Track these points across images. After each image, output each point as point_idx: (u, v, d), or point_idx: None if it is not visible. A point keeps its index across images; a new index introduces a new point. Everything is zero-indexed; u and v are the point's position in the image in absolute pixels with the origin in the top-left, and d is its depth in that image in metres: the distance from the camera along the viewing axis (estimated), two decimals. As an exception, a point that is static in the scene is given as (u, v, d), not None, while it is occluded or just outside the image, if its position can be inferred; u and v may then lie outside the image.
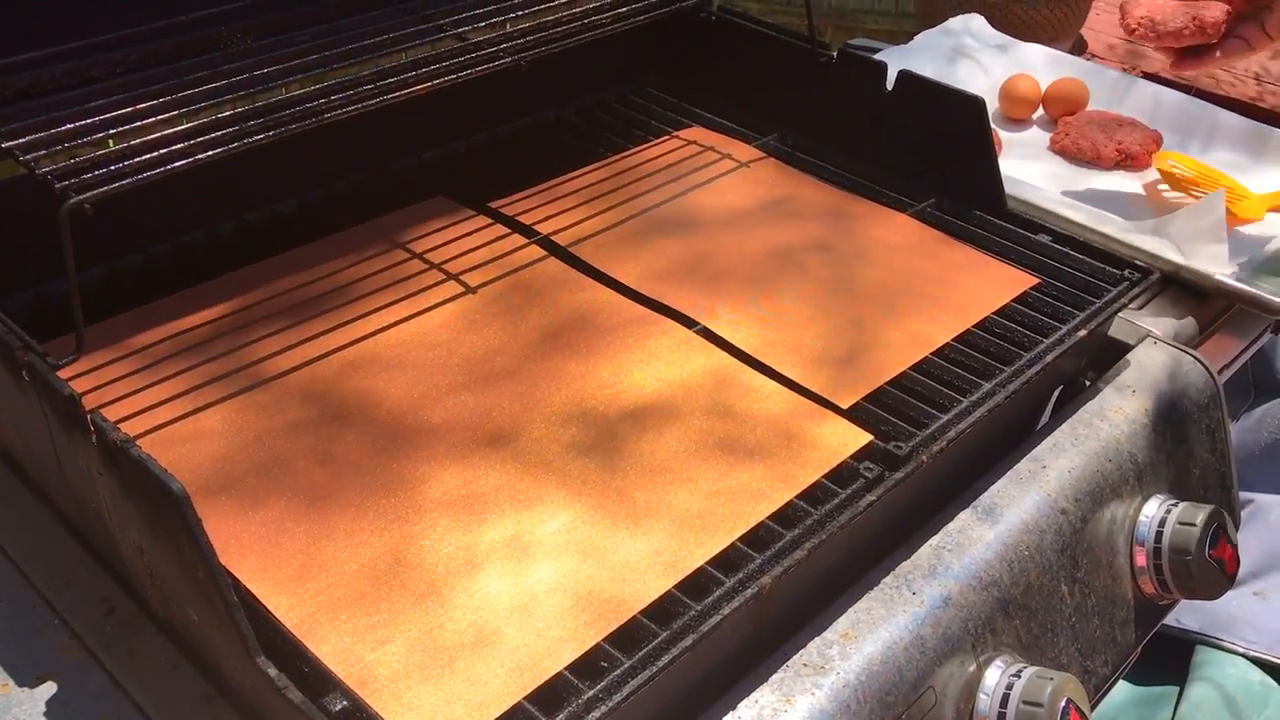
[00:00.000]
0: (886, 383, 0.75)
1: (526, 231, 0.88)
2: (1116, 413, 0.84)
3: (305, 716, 0.51)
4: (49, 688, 0.62)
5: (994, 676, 0.68)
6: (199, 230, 0.87)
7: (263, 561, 0.60)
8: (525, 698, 0.55)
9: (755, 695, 0.62)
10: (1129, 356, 0.90)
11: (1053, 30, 2.23)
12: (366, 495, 0.65)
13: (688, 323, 0.80)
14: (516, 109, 1.04)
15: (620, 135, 1.04)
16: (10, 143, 0.66)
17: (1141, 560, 0.80)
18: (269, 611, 0.58)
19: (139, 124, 0.70)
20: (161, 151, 0.66)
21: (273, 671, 0.53)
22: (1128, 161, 1.16)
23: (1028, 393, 0.76)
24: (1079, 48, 2.36)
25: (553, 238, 0.88)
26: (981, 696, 0.68)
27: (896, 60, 1.14)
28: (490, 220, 0.90)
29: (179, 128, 0.69)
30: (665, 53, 1.10)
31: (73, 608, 0.66)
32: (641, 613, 0.59)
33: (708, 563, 0.62)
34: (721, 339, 0.78)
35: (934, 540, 0.72)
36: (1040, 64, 1.31)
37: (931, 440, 0.70)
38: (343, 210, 0.90)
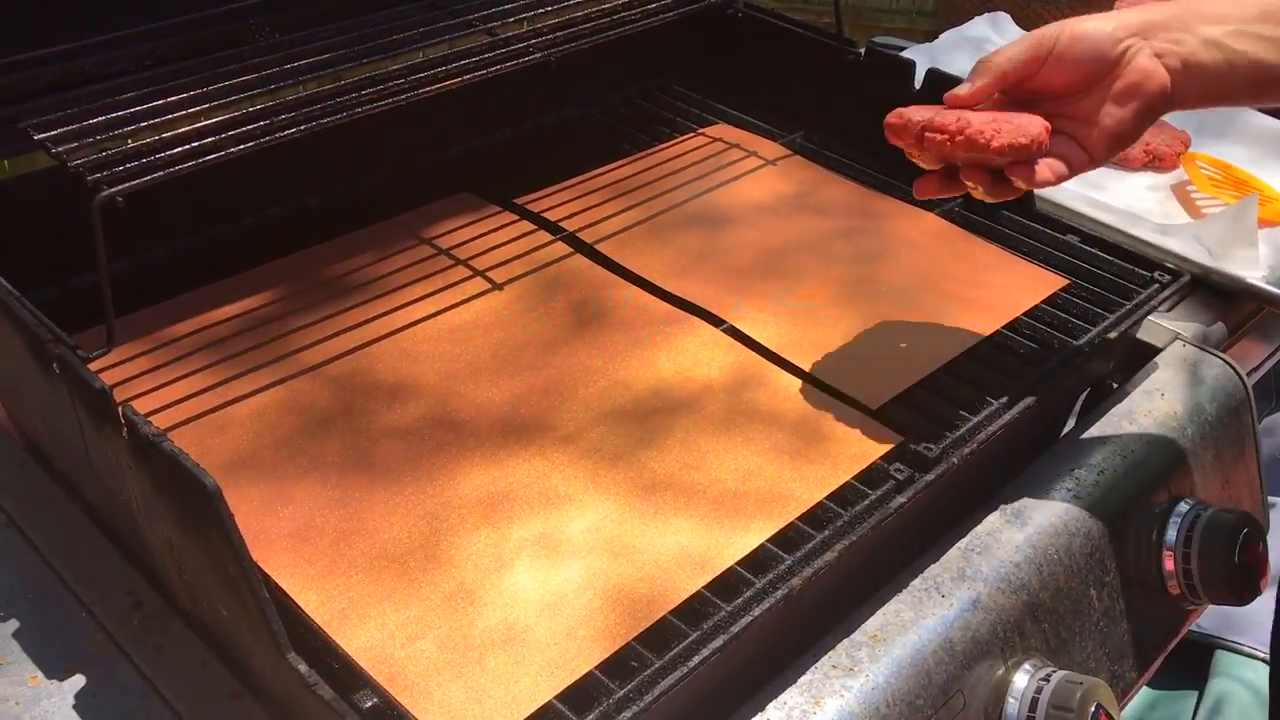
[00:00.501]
0: (915, 383, 0.75)
1: (552, 228, 0.88)
2: (1145, 416, 0.83)
3: (336, 713, 0.51)
4: (77, 680, 0.62)
5: (1023, 680, 0.68)
6: (225, 224, 0.87)
7: (292, 557, 0.60)
8: (556, 696, 0.54)
9: (784, 697, 0.62)
10: (1157, 359, 0.89)
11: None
12: (395, 491, 0.64)
13: (714, 321, 0.79)
14: (542, 105, 1.04)
15: (645, 132, 1.03)
16: (42, 135, 0.66)
17: (1169, 564, 0.79)
18: (299, 607, 0.57)
19: (168, 117, 0.70)
20: (192, 145, 0.66)
21: (303, 668, 0.53)
22: (1155, 162, 1.15)
23: (1057, 395, 0.76)
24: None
25: (578, 234, 0.87)
26: (1010, 700, 0.67)
27: (923, 58, 1.14)
28: (516, 217, 0.89)
29: (208, 121, 0.69)
30: (691, 49, 1.10)
31: (100, 601, 0.66)
32: (671, 612, 0.59)
33: (737, 563, 0.62)
34: (748, 337, 0.78)
35: (963, 543, 0.72)
36: (1065, 63, 1.30)
37: (962, 442, 0.70)
38: (369, 206, 0.89)
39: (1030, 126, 0.67)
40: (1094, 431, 0.81)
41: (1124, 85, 0.68)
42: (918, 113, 0.70)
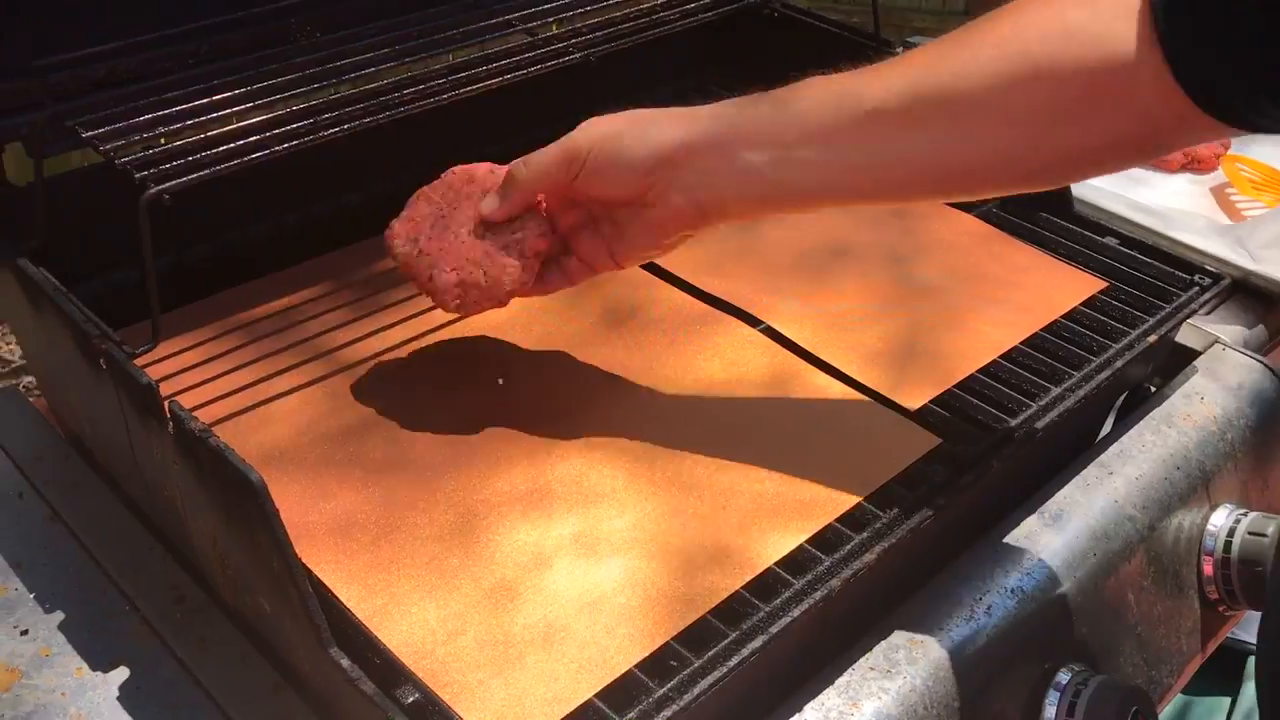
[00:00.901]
0: (953, 385, 0.74)
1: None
2: (1185, 420, 0.83)
3: (378, 708, 0.52)
4: (122, 673, 0.63)
5: (1061, 683, 0.68)
6: (266, 222, 0.87)
7: (334, 552, 0.60)
8: (595, 694, 0.55)
9: (822, 698, 0.62)
10: (1196, 363, 0.88)
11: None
12: (435, 489, 0.65)
13: (751, 321, 0.79)
14: (578, 105, 1.03)
15: (681, 132, 1.03)
16: (90, 133, 0.67)
17: (1209, 570, 0.79)
18: (340, 602, 0.58)
19: (213, 116, 0.70)
20: (238, 143, 0.67)
21: (345, 662, 0.53)
22: (1195, 165, 1.14)
23: (1096, 398, 0.75)
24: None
25: (615, 234, 0.87)
26: (1048, 705, 0.67)
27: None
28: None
29: (253, 120, 0.70)
30: (726, 49, 1.10)
31: (143, 595, 0.67)
32: (710, 612, 0.59)
33: (776, 564, 0.62)
34: (785, 338, 0.78)
35: (1001, 545, 0.72)
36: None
37: (1001, 444, 0.69)
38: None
39: (503, 279, 0.66)
40: (1133, 435, 0.81)
41: (653, 219, 0.65)
42: (400, 243, 0.69)
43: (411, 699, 0.54)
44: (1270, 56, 0.51)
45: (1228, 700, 1.20)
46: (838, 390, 0.73)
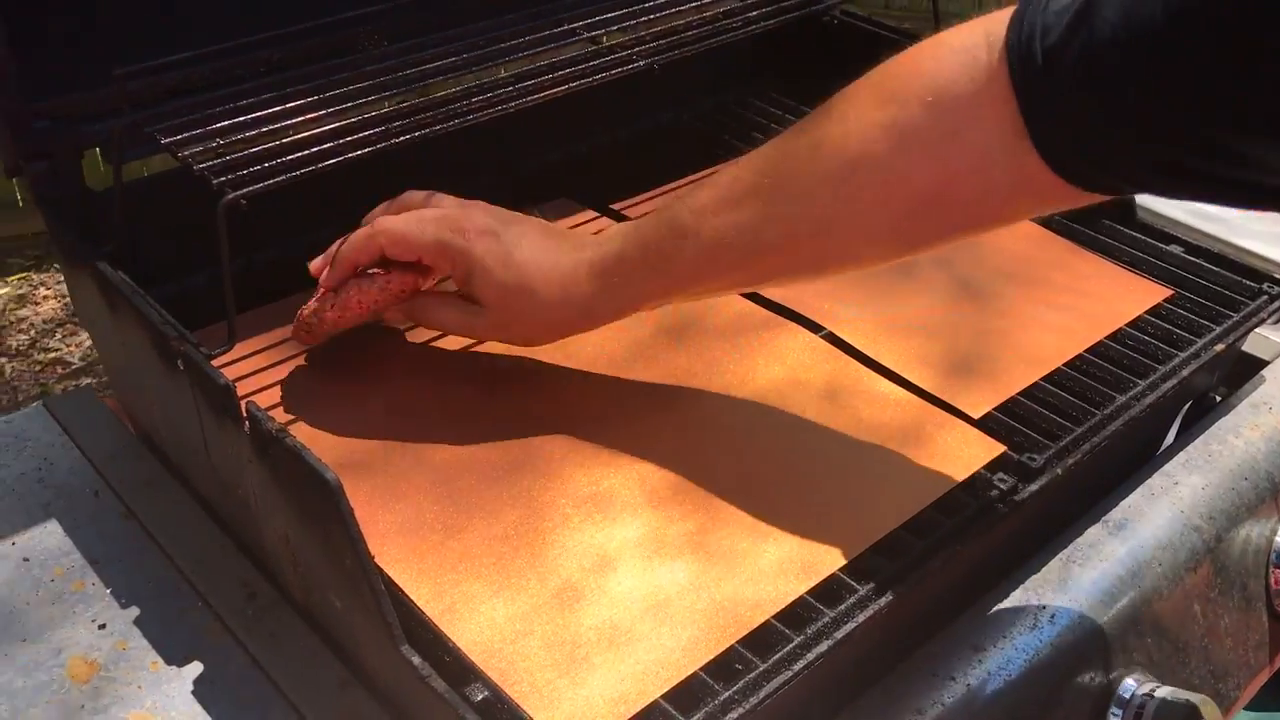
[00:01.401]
0: (1017, 393, 0.74)
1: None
2: (1252, 430, 0.82)
3: (448, 705, 0.52)
4: (195, 667, 0.64)
5: (1126, 694, 0.67)
6: (333, 227, 0.88)
7: (404, 551, 0.61)
8: (662, 696, 0.55)
9: (884, 704, 0.62)
10: (1264, 373, 0.87)
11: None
12: (501, 490, 0.66)
13: (813, 327, 0.79)
14: (638, 111, 1.05)
15: (740, 138, 1.04)
16: (168, 139, 0.68)
17: (1277, 583, 0.78)
18: (410, 600, 0.59)
19: (286, 123, 0.72)
20: (310, 150, 0.68)
21: (416, 660, 0.54)
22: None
23: (1162, 407, 0.75)
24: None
25: (676, 240, 0.88)
26: (1113, 716, 0.67)
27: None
28: (613, 222, 0.90)
29: (325, 127, 0.71)
30: (786, 56, 1.10)
31: (215, 591, 0.69)
32: (774, 617, 0.59)
33: (840, 570, 0.62)
34: (848, 344, 0.78)
35: (1064, 553, 0.71)
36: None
37: (1066, 453, 0.69)
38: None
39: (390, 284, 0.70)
40: (1199, 444, 0.80)
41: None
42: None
43: (481, 697, 0.55)
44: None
45: (1291, 716, 1.18)
46: (900, 396, 0.73)
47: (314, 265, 0.73)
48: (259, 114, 0.72)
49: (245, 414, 0.59)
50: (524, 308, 0.68)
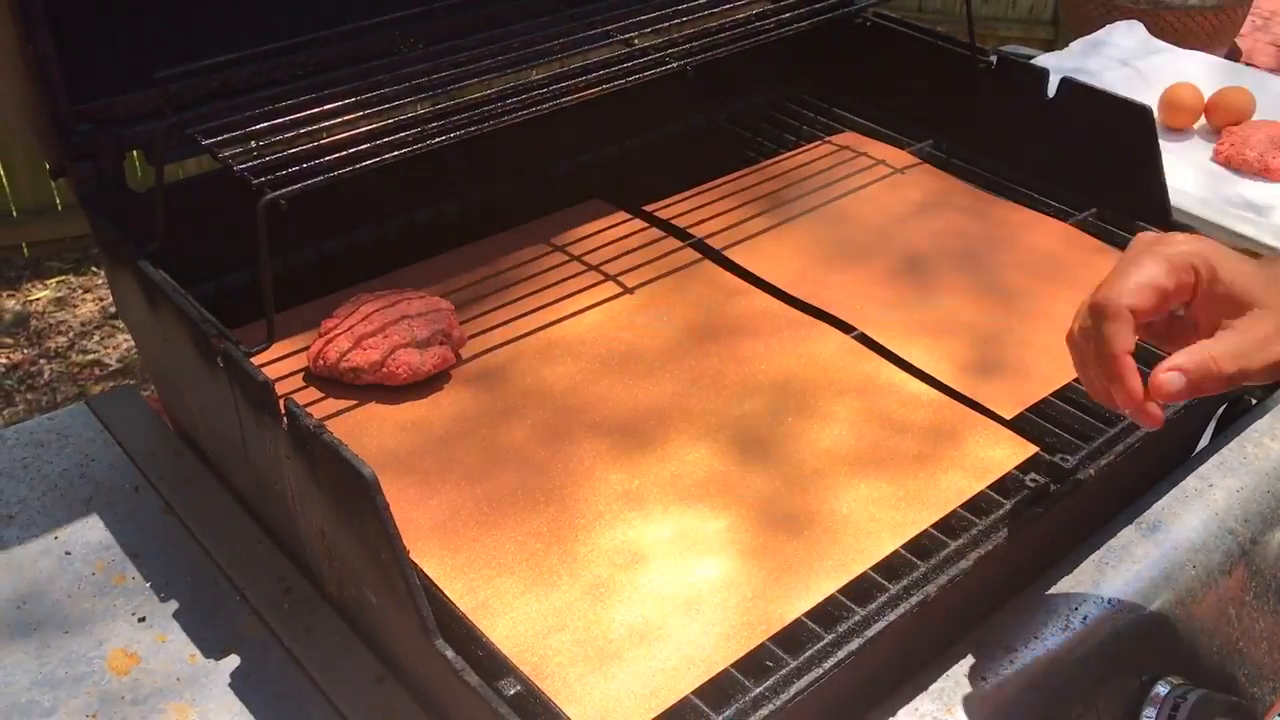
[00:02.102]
0: (1050, 394, 0.74)
1: (681, 234, 0.90)
2: (1288, 432, 0.81)
3: (482, 699, 0.53)
4: (232, 660, 0.65)
5: (1159, 697, 0.67)
6: (369, 227, 0.90)
7: (438, 547, 0.62)
8: (692, 692, 0.55)
9: (915, 703, 0.62)
10: (1300, 375, 0.86)
11: (1206, 38, 2.16)
12: (534, 487, 0.66)
13: (845, 328, 0.80)
14: (670, 113, 1.06)
15: (772, 140, 1.04)
16: (209, 140, 0.69)
17: (1313, 586, 0.77)
18: (445, 595, 0.60)
19: (324, 125, 0.73)
20: (349, 151, 0.69)
21: (450, 654, 0.55)
22: (1297, 173, 1.12)
23: (1195, 409, 0.74)
24: (1233, 56, 2.29)
25: (707, 240, 0.89)
26: (1145, 717, 0.66)
27: (1052, 67, 1.12)
28: (645, 223, 0.91)
29: (363, 129, 0.72)
30: (818, 58, 1.10)
31: (252, 586, 0.70)
32: (806, 615, 0.59)
33: (871, 569, 0.62)
34: (879, 345, 0.78)
35: (1096, 555, 0.71)
36: (1202, 72, 1.27)
37: (1099, 454, 0.69)
38: (504, 211, 0.92)
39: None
40: (1234, 447, 0.79)
41: None
42: None
43: (514, 691, 0.55)
44: None
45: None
46: (932, 397, 0.74)
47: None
48: (297, 116, 0.73)
49: (283, 410, 0.60)
50: None
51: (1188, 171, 1.14)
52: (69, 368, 2.49)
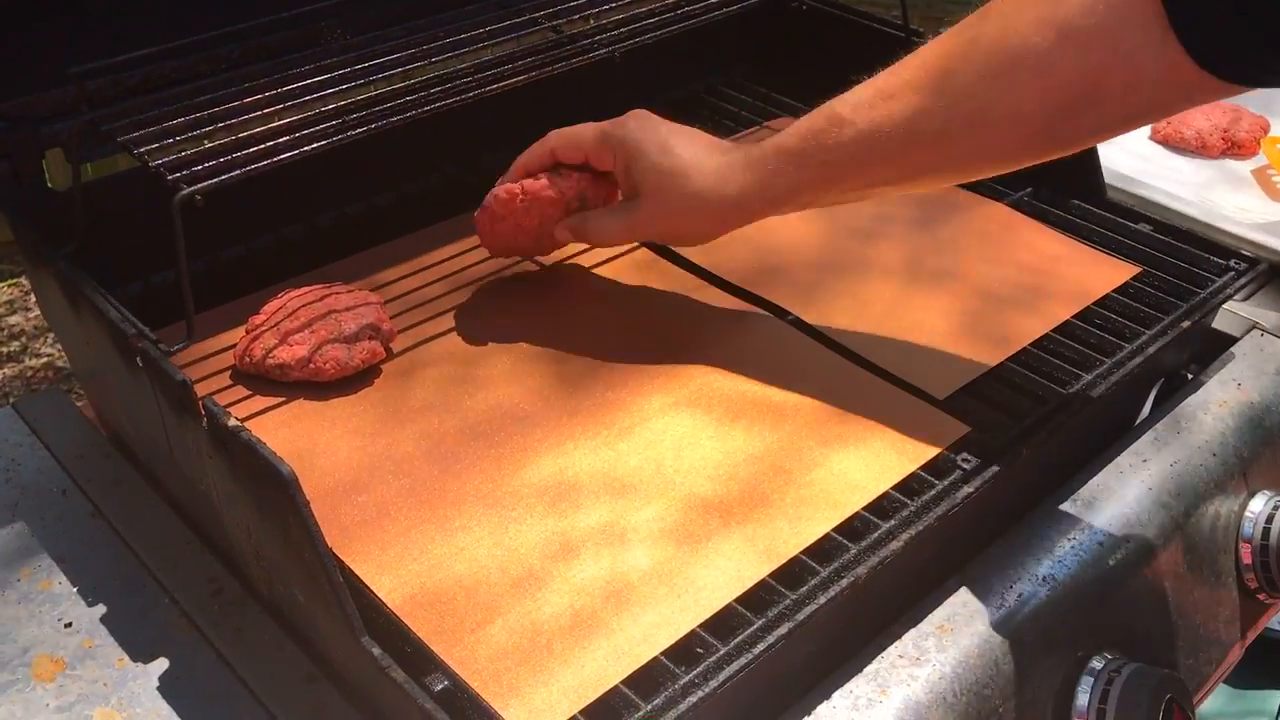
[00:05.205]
0: (983, 374, 0.74)
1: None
2: (1221, 406, 0.82)
3: (408, 695, 0.52)
4: (161, 664, 0.64)
5: (1094, 671, 0.67)
6: (299, 223, 0.89)
7: (365, 544, 0.61)
8: (622, 681, 0.55)
9: (850, 685, 0.62)
10: (1234, 349, 0.87)
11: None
12: (465, 481, 0.66)
13: (780, 313, 0.79)
14: (605, 101, 1.04)
15: (710, 126, 1.03)
16: (125, 137, 0.68)
17: (1247, 558, 0.78)
18: (372, 592, 0.59)
19: (245, 118, 0.72)
20: (268, 144, 0.68)
21: (376, 651, 0.54)
22: (1235, 150, 1.12)
23: (1128, 385, 0.75)
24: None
25: (644, 229, 0.88)
26: (1080, 692, 0.67)
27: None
28: (582, 211, 0.90)
29: (283, 121, 0.71)
30: (755, 43, 1.10)
31: (182, 587, 0.69)
32: (736, 600, 0.59)
33: (803, 552, 0.62)
34: (814, 329, 0.78)
35: (1032, 533, 0.71)
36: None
37: (1030, 433, 0.69)
38: (437, 203, 0.91)
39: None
40: (1168, 422, 0.80)
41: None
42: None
43: (441, 686, 0.55)
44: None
45: (1277, 693, 1.19)
46: (866, 379, 0.73)
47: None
48: (218, 110, 0.72)
49: (202, 410, 0.59)
50: (680, 194, 0.71)
51: (1126, 151, 1.15)
52: (21, 372, 2.45)
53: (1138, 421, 0.84)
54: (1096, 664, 0.68)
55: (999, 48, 0.60)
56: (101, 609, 0.67)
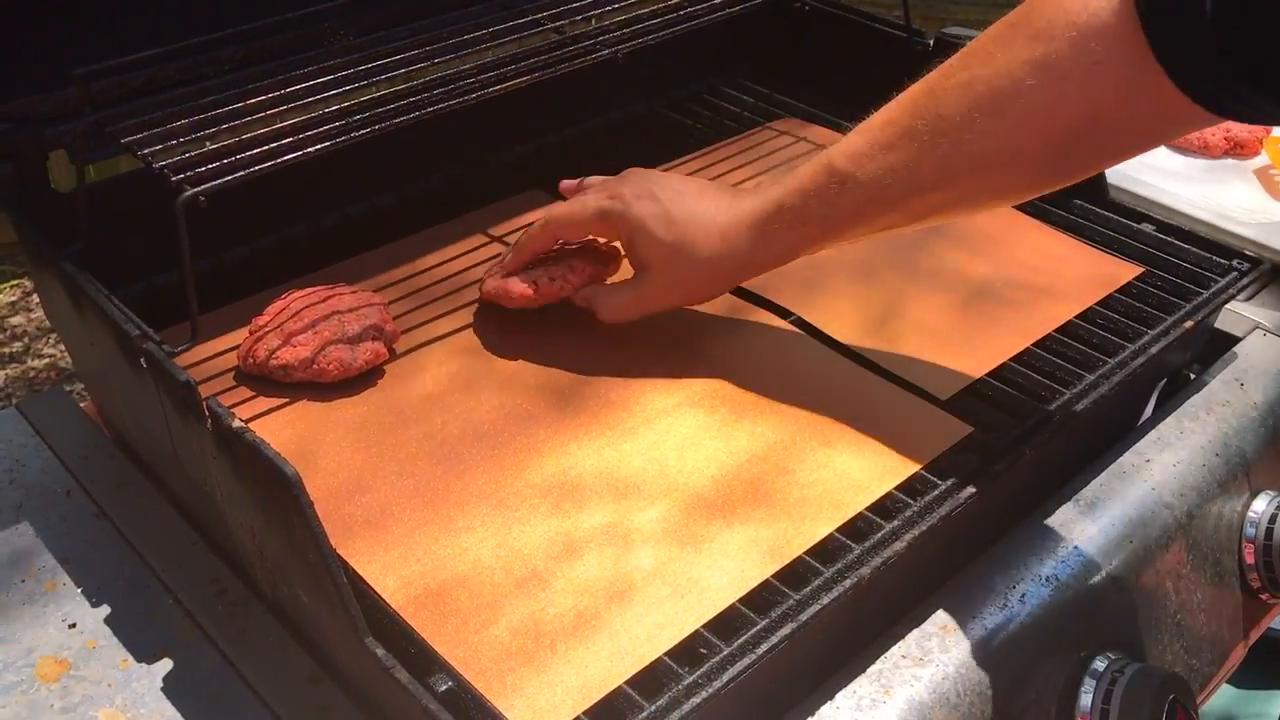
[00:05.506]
0: (986, 374, 0.74)
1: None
2: (1224, 406, 0.82)
3: (412, 696, 0.52)
4: (165, 664, 0.64)
5: (1097, 672, 0.67)
6: (303, 223, 0.89)
7: (370, 544, 0.61)
8: (626, 681, 0.55)
9: (853, 685, 0.62)
10: (1237, 349, 0.87)
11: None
12: (468, 481, 0.66)
13: (782, 313, 0.79)
14: (609, 101, 1.05)
15: (712, 127, 1.04)
16: (129, 139, 0.68)
17: (1250, 557, 0.78)
18: (376, 593, 0.59)
19: (248, 119, 0.72)
20: (270, 146, 0.68)
21: (380, 652, 0.54)
22: (1237, 149, 1.12)
23: (1131, 385, 0.75)
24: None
25: (647, 229, 0.88)
26: (1084, 692, 0.67)
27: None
28: (585, 212, 0.90)
29: (286, 123, 0.71)
30: (758, 43, 1.10)
31: (186, 588, 0.69)
32: (740, 601, 0.59)
33: (806, 552, 0.62)
34: (816, 329, 0.78)
35: (1034, 534, 0.71)
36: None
37: (1032, 433, 0.69)
38: (440, 203, 0.91)
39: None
40: (1171, 422, 0.80)
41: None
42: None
43: (445, 687, 0.55)
44: (1234, 38, 0.51)
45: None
46: (868, 380, 0.74)
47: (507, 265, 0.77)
48: (222, 111, 0.72)
49: (207, 411, 0.59)
50: (688, 264, 0.71)
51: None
52: (24, 372, 2.45)
53: (1140, 422, 0.84)
54: (1099, 664, 0.68)
55: (994, 92, 0.59)
56: (106, 609, 0.67)
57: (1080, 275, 0.83)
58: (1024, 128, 0.59)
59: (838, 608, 0.59)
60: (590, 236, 0.77)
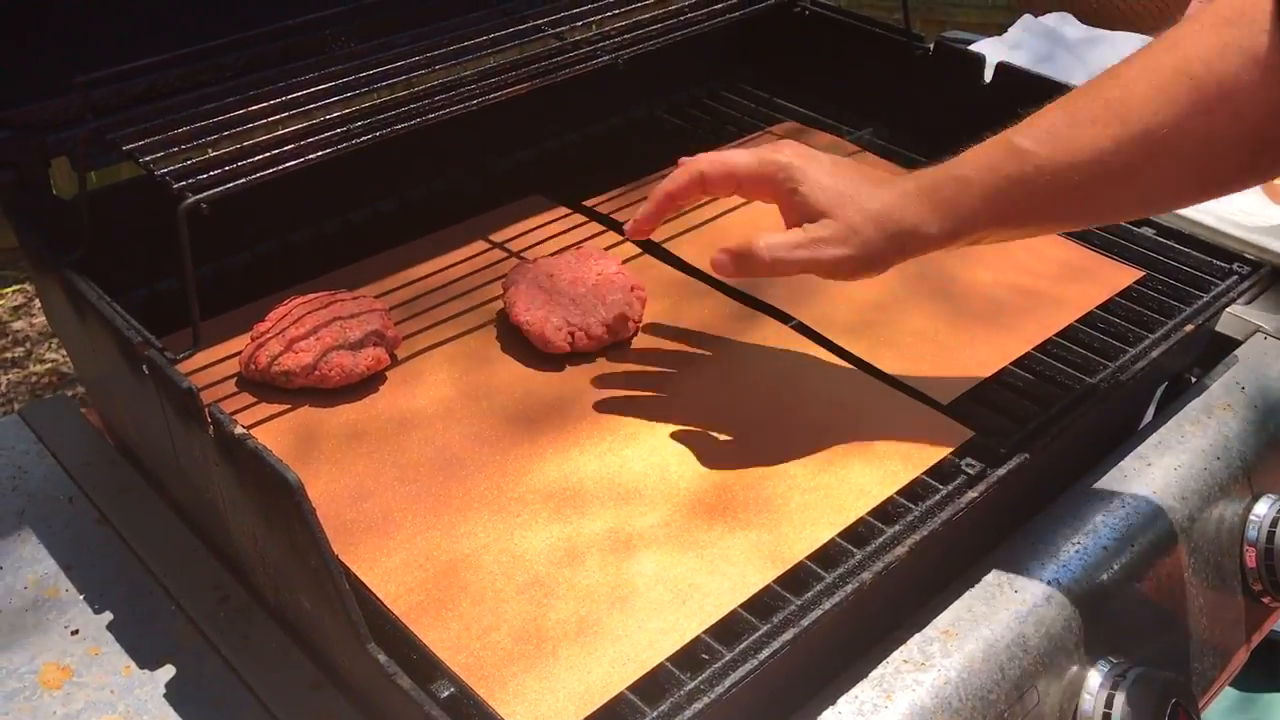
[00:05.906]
0: (987, 378, 0.74)
1: (621, 229, 0.89)
2: (1225, 409, 0.82)
3: (414, 702, 0.52)
4: (168, 670, 0.64)
5: (1099, 676, 0.67)
6: (305, 229, 0.89)
7: (372, 550, 0.62)
8: (627, 687, 0.55)
9: (855, 690, 0.62)
10: (1237, 352, 0.87)
11: (1155, 21, 2.18)
12: (470, 487, 0.66)
13: (783, 318, 0.80)
14: (610, 107, 1.05)
15: (713, 131, 1.04)
16: (130, 145, 0.68)
17: (1252, 561, 0.78)
18: (378, 599, 0.59)
19: (250, 126, 0.72)
20: (272, 152, 0.68)
21: (382, 658, 0.54)
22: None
23: (1132, 389, 0.75)
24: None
25: (648, 234, 0.88)
26: (1086, 696, 0.67)
27: (991, 52, 1.13)
28: (585, 218, 0.90)
29: (288, 129, 0.71)
30: (758, 47, 1.10)
31: (188, 594, 0.69)
32: (741, 606, 0.59)
33: (807, 558, 0.62)
34: (818, 334, 0.78)
35: (1036, 537, 0.71)
36: (1142, 54, 1.28)
37: (1034, 437, 0.69)
38: (442, 209, 0.91)
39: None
40: (1172, 425, 0.80)
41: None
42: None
43: (447, 693, 0.55)
44: None
45: (1282, 696, 1.18)
46: (870, 385, 0.74)
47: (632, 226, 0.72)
48: (223, 118, 0.72)
49: (208, 417, 0.59)
50: (859, 211, 0.65)
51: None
52: (26, 376, 2.45)
53: (1141, 425, 0.84)
54: (1102, 668, 0.68)
55: (1186, 74, 0.57)
56: (108, 616, 0.67)
57: (1081, 279, 0.83)
58: (1217, 114, 0.57)
59: (839, 613, 0.59)
60: (729, 194, 0.71)
